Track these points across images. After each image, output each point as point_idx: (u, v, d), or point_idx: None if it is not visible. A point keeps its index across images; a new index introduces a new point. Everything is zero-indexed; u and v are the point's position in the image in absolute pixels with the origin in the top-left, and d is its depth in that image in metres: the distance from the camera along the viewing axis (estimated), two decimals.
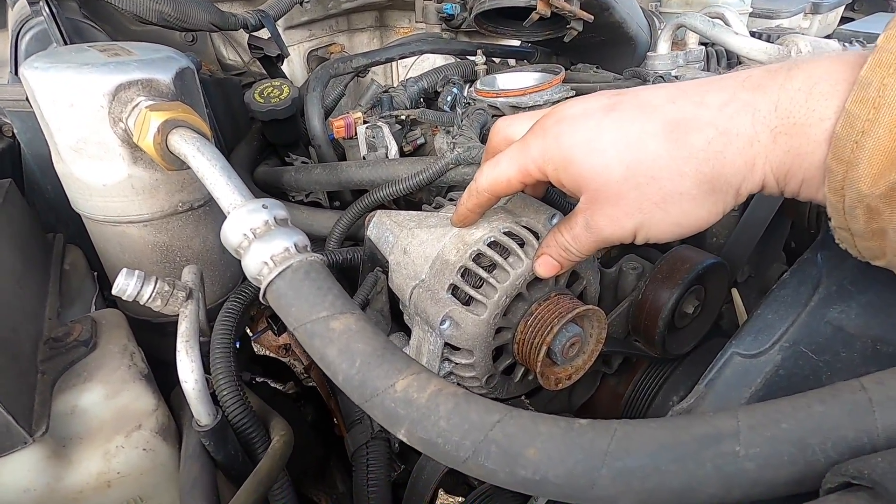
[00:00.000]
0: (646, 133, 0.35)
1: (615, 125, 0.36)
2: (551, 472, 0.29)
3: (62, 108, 0.48)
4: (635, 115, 0.36)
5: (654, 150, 0.35)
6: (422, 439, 0.32)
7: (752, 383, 0.40)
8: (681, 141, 0.34)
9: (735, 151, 0.33)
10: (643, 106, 0.36)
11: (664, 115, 0.35)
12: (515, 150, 0.41)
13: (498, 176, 0.43)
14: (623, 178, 0.36)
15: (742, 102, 0.32)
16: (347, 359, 0.34)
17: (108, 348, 0.48)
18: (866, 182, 0.28)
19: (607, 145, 0.36)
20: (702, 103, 0.34)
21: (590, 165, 0.37)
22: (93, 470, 0.41)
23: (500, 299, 0.54)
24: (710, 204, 0.35)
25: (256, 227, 0.38)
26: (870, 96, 0.27)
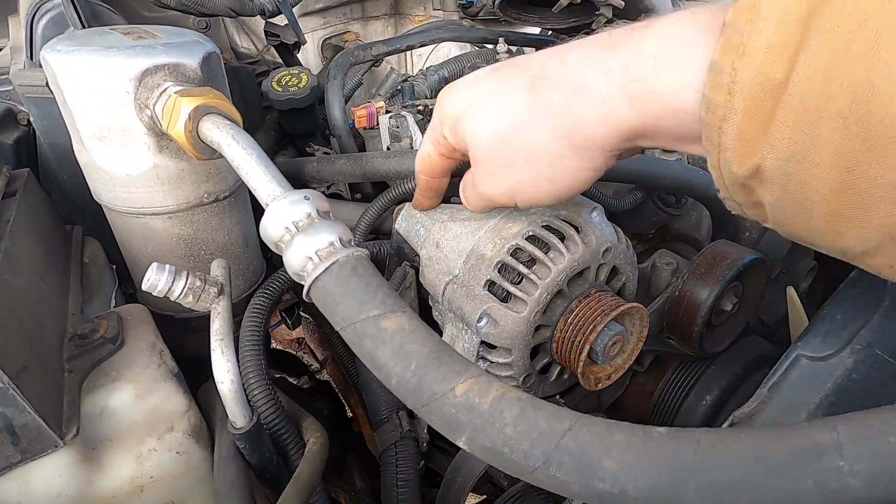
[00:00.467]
0: (513, 87, 0.36)
1: (492, 83, 0.37)
2: (632, 485, 0.27)
3: (85, 94, 0.46)
4: (509, 73, 0.37)
5: (517, 104, 0.36)
6: (485, 448, 0.30)
7: (822, 388, 0.37)
8: (539, 95, 0.35)
9: (587, 107, 0.33)
10: (518, 65, 0.37)
11: (531, 72, 0.36)
12: (429, 127, 0.44)
13: (421, 156, 0.46)
14: (494, 134, 0.37)
15: (596, 60, 0.33)
16: (402, 361, 0.32)
17: (136, 346, 0.46)
18: (735, 164, 0.28)
19: (483, 102, 0.37)
20: (563, 61, 0.35)
21: (470, 121, 0.38)
22: (125, 474, 0.39)
23: (540, 296, 0.51)
24: (574, 160, 0.35)
25: (299, 219, 0.36)
26: (723, 82, 0.27)
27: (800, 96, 0.25)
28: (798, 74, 0.25)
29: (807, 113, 0.25)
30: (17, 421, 0.34)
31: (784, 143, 0.26)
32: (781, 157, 0.26)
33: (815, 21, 0.24)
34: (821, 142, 0.25)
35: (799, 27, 0.24)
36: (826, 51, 0.24)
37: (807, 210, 0.27)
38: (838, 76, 0.24)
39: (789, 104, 0.25)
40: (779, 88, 0.25)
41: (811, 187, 0.26)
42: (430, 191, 0.51)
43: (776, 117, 0.26)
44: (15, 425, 0.34)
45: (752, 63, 0.25)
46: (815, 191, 0.26)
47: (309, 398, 1.09)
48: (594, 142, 0.34)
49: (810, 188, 0.26)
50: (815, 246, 0.30)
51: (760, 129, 0.26)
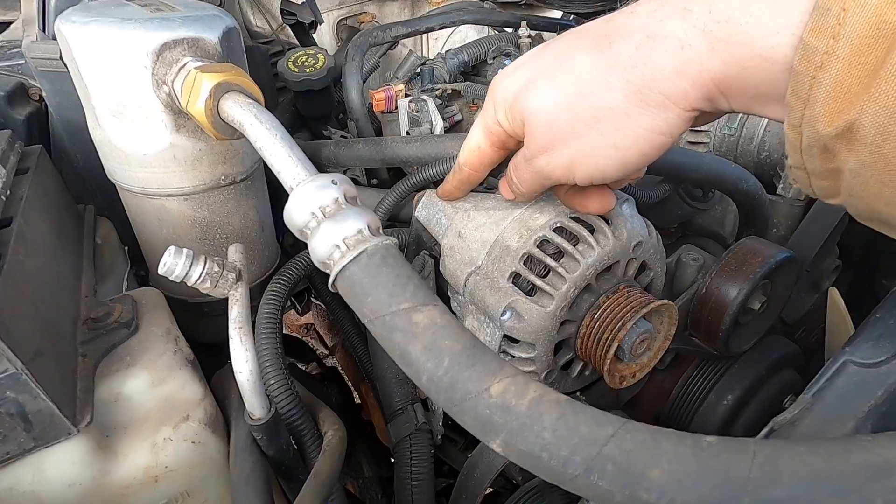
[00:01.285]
0: (575, 50, 0.33)
1: (551, 53, 0.35)
2: (681, 497, 0.25)
3: (102, 67, 0.44)
4: (571, 38, 0.35)
5: (580, 63, 0.33)
6: (522, 451, 0.28)
7: (872, 396, 0.35)
8: (607, 50, 0.32)
9: (664, 54, 0.30)
10: (578, 31, 0.34)
11: (595, 31, 0.33)
12: (478, 117, 0.41)
13: (470, 146, 0.43)
14: (555, 102, 0.34)
15: (674, 6, 0.30)
16: (434, 357, 0.30)
17: (151, 331, 0.44)
18: (823, 121, 0.26)
19: (538, 74, 0.35)
20: (632, 13, 0.32)
21: (525, 100, 0.36)
22: (140, 464, 0.38)
23: (568, 290, 0.49)
24: (647, 119, 0.32)
25: (326, 205, 0.34)
26: (828, 24, 0.24)
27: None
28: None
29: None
30: (30, 407, 0.33)
31: (889, 96, 0.23)
32: (884, 112, 0.24)
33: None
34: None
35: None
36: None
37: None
38: None
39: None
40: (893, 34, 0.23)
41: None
42: (468, 184, 0.48)
43: (885, 66, 0.23)
44: (28, 412, 0.33)
45: (866, 4, 0.23)
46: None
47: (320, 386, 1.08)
48: (671, 97, 0.31)
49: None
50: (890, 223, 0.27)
51: (864, 80, 0.24)
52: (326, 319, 1.19)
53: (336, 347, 1.18)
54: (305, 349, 1.31)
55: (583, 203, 0.46)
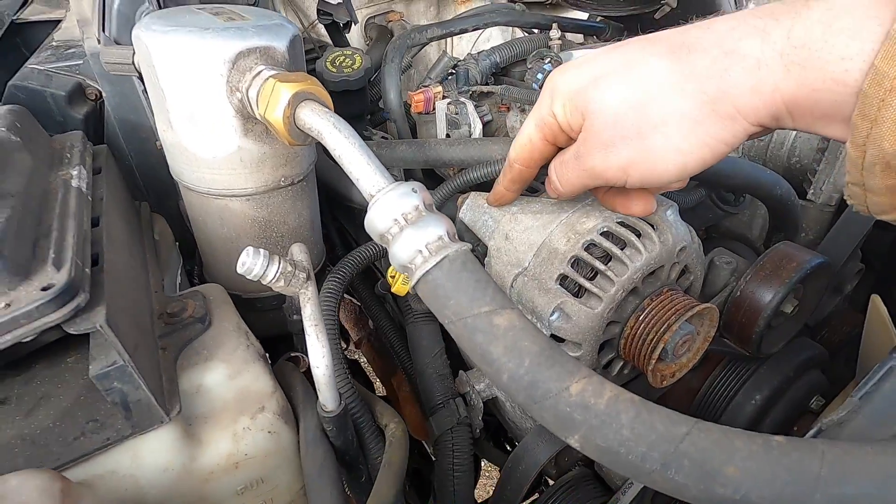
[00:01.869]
0: (651, 54, 0.34)
1: (620, 55, 0.36)
2: (755, 493, 0.27)
3: (180, 74, 0.46)
4: (641, 44, 0.35)
5: (654, 67, 0.34)
6: (600, 447, 0.30)
7: None
8: (683, 59, 0.33)
9: (741, 71, 0.32)
10: (650, 38, 0.35)
11: (669, 40, 0.34)
12: (532, 111, 0.42)
13: (521, 140, 0.43)
14: (623, 101, 0.35)
15: (751, 27, 0.31)
16: (515, 357, 0.32)
17: (223, 326, 0.47)
18: (889, 140, 0.27)
19: (609, 71, 0.36)
20: (709, 28, 0.33)
21: (591, 94, 0.36)
22: (223, 451, 0.41)
23: (616, 293, 0.51)
24: (715, 129, 0.33)
25: (407, 212, 0.36)
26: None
27: None
28: None
29: None
30: (131, 397, 0.35)
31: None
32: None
33: None
34: None
35: None
36: None
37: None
38: None
39: None
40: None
41: None
42: (520, 182, 0.48)
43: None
44: (130, 401, 0.35)
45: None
46: None
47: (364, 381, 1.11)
48: (742, 111, 0.32)
49: None
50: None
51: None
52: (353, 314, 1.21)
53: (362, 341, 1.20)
54: None
55: (625, 205, 0.48)
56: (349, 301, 1.16)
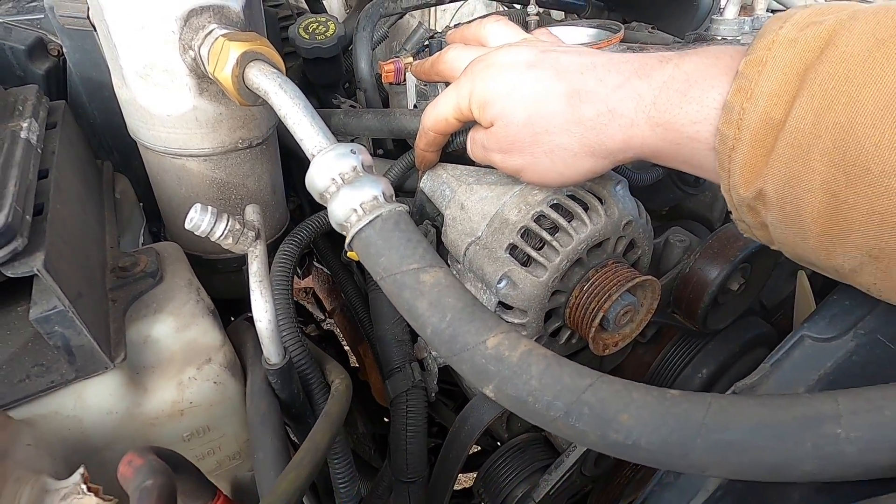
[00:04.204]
0: (551, 94, 0.41)
1: (531, 82, 0.41)
2: (644, 438, 0.29)
3: (131, 30, 0.46)
4: (550, 77, 0.41)
5: (553, 109, 0.41)
6: (511, 396, 0.32)
7: (822, 367, 0.40)
8: (576, 108, 0.40)
9: (616, 128, 0.39)
10: (559, 71, 0.41)
11: (570, 83, 0.40)
12: (451, 90, 0.47)
13: (438, 115, 0.49)
14: (524, 124, 0.42)
15: (631, 89, 0.38)
16: (438, 312, 0.34)
17: (175, 281, 0.48)
18: (741, 188, 0.33)
19: (519, 98, 0.42)
20: (602, 81, 0.39)
21: (501, 109, 0.43)
22: (168, 398, 0.42)
23: (560, 263, 0.53)
24: (590, 163, 0.42)
25: (345, 172, 0.37)
26: (734, 118, 0.32)
27: (794, 133, 0.30)
28: (794, 117, 0.30)
29: (800, 147, 0.30)
30: (74, 342, 0.37)
31: (781, 170, 0.31)
32: (780, 182, 0.31)
33: (810, 75, 0.30)
34: (811, 170, 0.30)
35: (797, 79, 0.30)
36: (817, 98, 0.29)
37: (801, 230, 0.32)
38: (825, 119, 0.29)
39: (786, 139, 0.30)
40: (778, 126, 0.31)
41: (804, 209, 0.31)
42: (435, 146, 0.55)
43: (775, 149, 0.31)
44: (72, 345, 0.37)
45: (757, 105, 0.31)
46: (806, 212, 0.31)
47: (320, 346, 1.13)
48: (614, 155, 0.41)
49: (803, 210, 0.31)
50: (813, 265, 0.35)
51: (763, 159, 0.31)
52: (326, 284, 1.23)
53: (335, 311, 1.22)
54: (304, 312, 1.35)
55: None
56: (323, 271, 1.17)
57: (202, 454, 0.46)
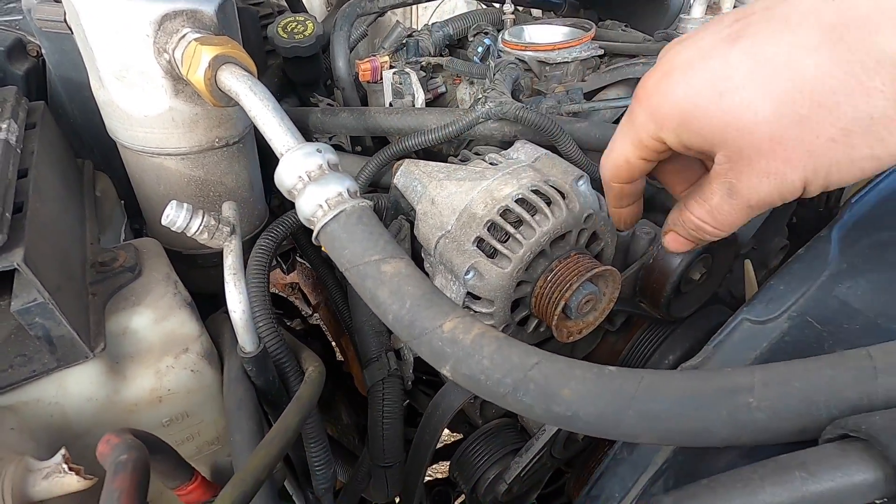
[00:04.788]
0: (799, 48, 0.27)
1: (748, 54, 0.28)
2: (583, 410, 0.32)
3: (107, 34, 0.48)
4: (776, 31, 0.27)
5: (816, 68, 0.26)
6: (465, 375, 0.35)
7: (758, 347, 0.43)
8: (860, 47, 0.25)
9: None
10: (785, 18, 0.27)
11: (820, 21, 0.26)
12: (624, 126, 0.35)
13: (615, 161, 0.37)
14: (775, 115, 0.27)
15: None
16: (398, 300, 0.37)
17: (153, 275, 0.50)
18: None
19: (742, 81, 0.28)
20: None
21: (721, 112, 0.29)
22: (146, 386, 0.45)
23: (524, 254, 0.56)
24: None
25: (311, 170, 0.40)
26: None
27: None
28: None
29: None
30: (54, 332, 0.39)
31: None
32: None
33: None
34: None
35: None
36: None
37: None
38: None
39: None
40: None
41: None
42: (625, 197, 0.41)
43: None
44: (53, 336, 0.39)
45: None
46: None
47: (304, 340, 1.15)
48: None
49: None
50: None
51: None
52: (311, 279, 1.25)
53: (319, 305, 1.24)
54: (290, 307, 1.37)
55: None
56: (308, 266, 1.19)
57: (181, 439, 0.49)
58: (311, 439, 0.54)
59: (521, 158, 0.65)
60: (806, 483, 0.26)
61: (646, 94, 0.33)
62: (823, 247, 0.44)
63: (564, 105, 0.76)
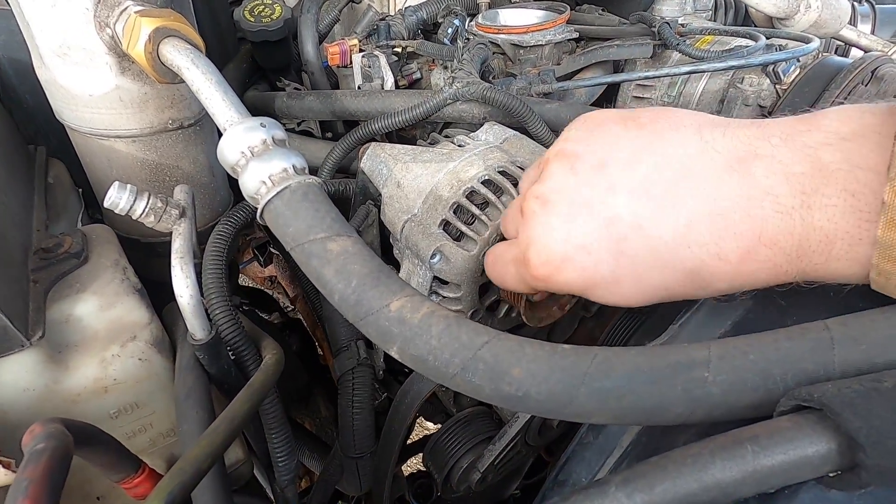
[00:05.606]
0: (670, 282, 0.36)
1: (632, 275, 0.36)
2: (533, 389, 0.31)
3: (44, 8, 0.45)
4: (652, 265, 0.35)
5: (679, 292, 0.37)
6: (413, 356, 0.33)
7: (723, 325, 0.42)
8: (705, 288, 0.36)
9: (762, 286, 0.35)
10: (657, 252, 0.35)
11: (684, 264, 0.35)
12: (521, 272, 0.42)
13: (509, 285, 0.45)
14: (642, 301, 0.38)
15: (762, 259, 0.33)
16: (344, 279, 0.35)
17: (100, 262, 0.48)
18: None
19: (629, 292, 0.37)
20: (720, 256, 0.34)
21: (606, 300, 0.39)
22: (90, 375, 0.43)
23: (490, 236, 0.55)
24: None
25: (254, 145, 0.38)
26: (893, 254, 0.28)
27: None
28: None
29: None
30: None
31: None
32: None
33: None
34: None
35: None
36: None
37: None
38: None
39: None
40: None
41: None
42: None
43: None
44: None
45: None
46: None
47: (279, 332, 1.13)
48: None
49: None
50: None
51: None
52: (287, 271, 1.23)
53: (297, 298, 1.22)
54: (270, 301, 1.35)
55: None
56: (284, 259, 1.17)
57: (133, 431, 0.47)
58: (273, 429, 0.52)
59: (489, 140, 0.64)
60: (757, 457, 0.25)
61: (547, 274, 0.39)
62: None
63: (535, 86, 0.74)
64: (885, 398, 0.24)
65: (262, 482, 0.77)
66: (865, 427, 0.23)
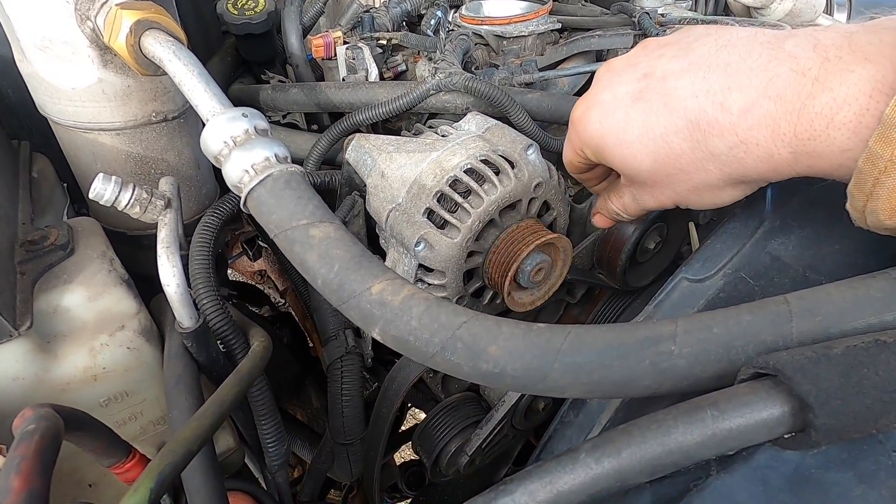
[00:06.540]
0: (670, 130, 0.37)
1: (641, 118, 0.38)
2: (510, 366, 0.32)
3: (24, 2, 0.46)
4: (660, 108, 0.37)
5: (678, 148, 0.37)
6: (394, 337, 0.35)
7: (696, 304, 0.44)
8: (702, 144, 0.36)
9: (755, 160, 0.35)
10: (668, 98, 0.37)
11: (687, 113, 0.36)
12: (568, 135, 0.46)
13: (565, 159, 0.50)
14: (653, 169, 0.39)
15: (762, 113, 0.33)
16: (326, 264, 0.36)
17: (87, 253, 0.48)
18: (885, 214, 0.30)
19: (634, 138, 0.39)
20: (723, 106, 0.34)
21: (621, 156, 0.41)
22: (79, 364, 0.43)
23: (473, 224, 0.56)
24: (738, 191, 0.39)
25: (237, 135, 0.39)
26: (892, 136, 0.28)
27: None
28: None
29: None
30: None
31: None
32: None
33: None
34: None
35: None
36: None
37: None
38: None
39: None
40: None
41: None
42: (589, 181, 0.53)
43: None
44: None
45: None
46: None
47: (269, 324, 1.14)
48: (759, 182, 0.38)
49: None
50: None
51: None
52: (276, 264, 1.23)
53: (287, 290, 1.23)
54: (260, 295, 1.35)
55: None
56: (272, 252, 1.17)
57: (123, 419, 0.48)
58: (262, 416, 0.53)
59: (472, 129, 0.65)
60: (716, 421, 0.26)
61: (576, 119, 0.44)
62: (757, 205, 0.45)
63: (517, 76, 0.75)
64: (833, 363, 0.25)
65: (254, 470, 0.78)
66: (815, 389, 0.24)
